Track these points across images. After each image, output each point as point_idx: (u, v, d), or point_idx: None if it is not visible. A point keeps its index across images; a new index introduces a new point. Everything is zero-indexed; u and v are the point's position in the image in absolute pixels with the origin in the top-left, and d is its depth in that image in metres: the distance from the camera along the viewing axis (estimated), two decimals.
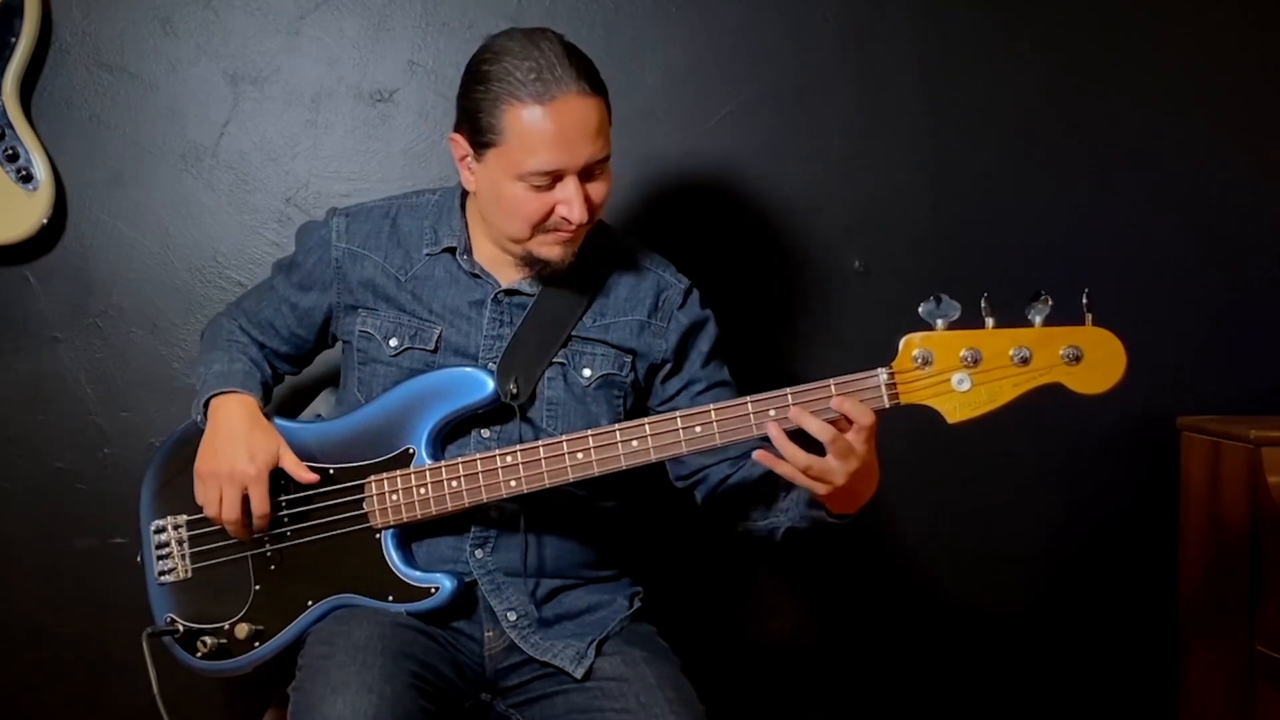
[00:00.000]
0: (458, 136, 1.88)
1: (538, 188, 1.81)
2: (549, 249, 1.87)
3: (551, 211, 1.83)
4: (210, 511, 1.92)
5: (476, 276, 1.95)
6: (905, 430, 2.51)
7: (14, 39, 2.31)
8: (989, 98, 2.53)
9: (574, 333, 1.95)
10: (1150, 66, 2.56)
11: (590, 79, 1.81)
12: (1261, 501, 2.34)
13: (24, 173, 2.33)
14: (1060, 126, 2.54)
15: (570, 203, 1.81)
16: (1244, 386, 2.59)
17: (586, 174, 1.82)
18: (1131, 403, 2.54)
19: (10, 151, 2.32)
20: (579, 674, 1.88)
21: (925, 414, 1.72)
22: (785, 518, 1.90)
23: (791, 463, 1.71)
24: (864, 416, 1.70)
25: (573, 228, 1.84)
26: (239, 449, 1.90)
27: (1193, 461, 2.52)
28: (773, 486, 1.90)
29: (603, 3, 2.46)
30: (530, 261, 1.90)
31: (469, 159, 1.88)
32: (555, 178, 1.81)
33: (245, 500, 1.91)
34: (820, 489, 1.73)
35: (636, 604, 2.02)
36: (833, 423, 1.71)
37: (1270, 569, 2.33)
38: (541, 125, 1.78)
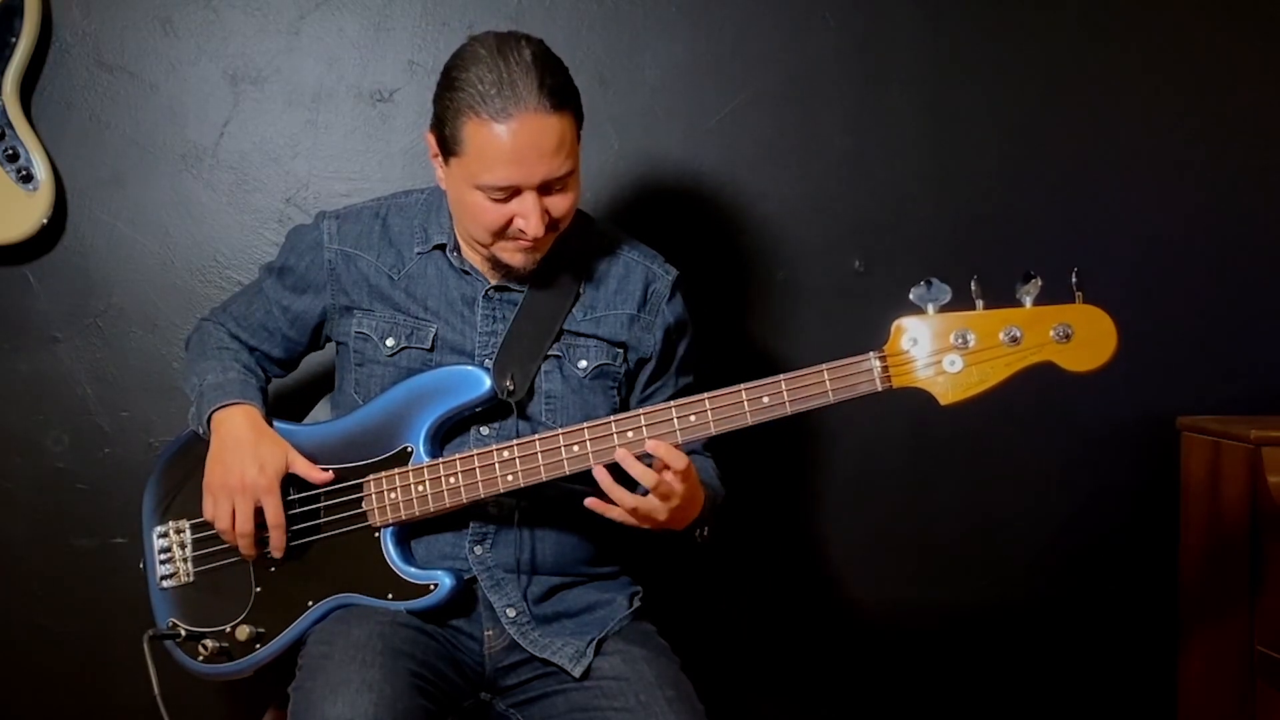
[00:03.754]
0: (430, 136, 1.89)
1: (496, 200, 1.82)
2: (510, 255, 1.88)
3: (510, 222, 1.83)
4: (222, 526, 1.92)
5: (466, 273, 1.96)
6: (905, 429, 2.52)
7: (14, 39, 2.31)
8: (989, 98, 2.53)
9: (565, 327, 1.95)
10: (1151, 66, 2.55)
11: (555, 94, 1.78)
12: (1261, 501, 2.34)
13: (24, 173, 2.33)
14: (1060, 127, 2.54)
15: (527, 216, 1.82)
16: (1244, 386, 2.59)
17: (545, 189, 1.82)
18: (1131, 403, 2.55)
19: (10, 151, 2.32)
20: (577, 673, 1.88)
21: (920, 402, 1.73)
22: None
23: (620, 505, 1.77)
24: (677, 461, 1.75)
25: (530, 239, 1.84)
26: (248, 461, 1.90)
27: (1193, 461, 2.52)
28: None
29: (603, 3, 2.46)
30: (496, 265, 1.92)
31: (439, 158, 1.89)
32: (512, 192, 1.81)
33: (257, 514, 1.91)
34: (647, 525, 1.80)
35: (636, 603, 2.02)
36: (649, 463, 1.76)
37: (1270, 569, 2.33)
38: (497, 143, 1.77)
